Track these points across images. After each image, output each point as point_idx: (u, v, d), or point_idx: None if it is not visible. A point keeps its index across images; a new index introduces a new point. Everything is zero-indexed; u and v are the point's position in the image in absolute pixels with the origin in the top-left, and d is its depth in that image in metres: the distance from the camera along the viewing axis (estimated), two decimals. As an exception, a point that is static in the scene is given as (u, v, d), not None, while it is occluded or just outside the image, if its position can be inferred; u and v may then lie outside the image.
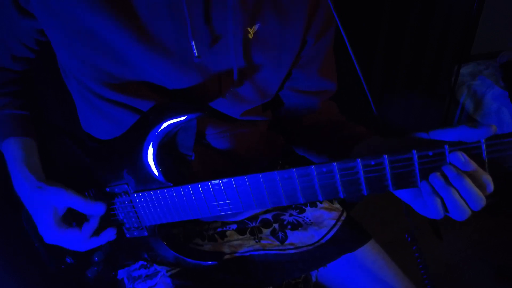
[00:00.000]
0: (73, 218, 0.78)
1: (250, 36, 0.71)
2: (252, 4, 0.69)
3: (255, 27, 0.71)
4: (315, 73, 0.86)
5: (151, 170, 0.72)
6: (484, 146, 0.51)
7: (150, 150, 0.71)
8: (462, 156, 0.52)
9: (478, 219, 2.18)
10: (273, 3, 0.71)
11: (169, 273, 0.83)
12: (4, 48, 0.78)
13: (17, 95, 0.84)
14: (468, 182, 0.53)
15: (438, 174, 0.55)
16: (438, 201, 0.56)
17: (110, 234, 0.79)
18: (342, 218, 0.96)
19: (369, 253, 0.91)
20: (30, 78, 0.88)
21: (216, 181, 0.67)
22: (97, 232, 0.78)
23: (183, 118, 0.68)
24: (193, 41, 0.67)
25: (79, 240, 0.76)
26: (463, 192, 0.54)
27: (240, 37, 0.70)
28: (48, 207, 0.74)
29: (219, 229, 0.93)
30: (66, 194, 0.73)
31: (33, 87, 0.89)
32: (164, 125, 0.69)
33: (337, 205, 1.01)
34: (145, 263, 0.86)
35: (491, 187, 0.54)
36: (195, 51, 0.68)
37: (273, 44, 0.75)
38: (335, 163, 0.57)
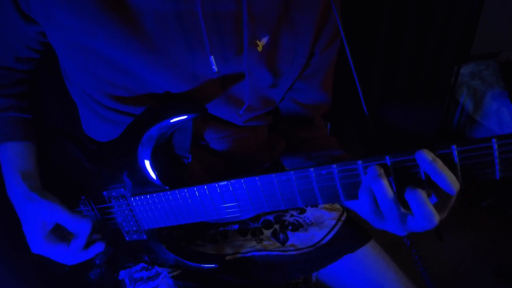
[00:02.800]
0: (62, 233, 0.79)
1: (260, 49, 0.70)
2: (261, 17, 0.68)
3: (264, 40, 0.70)
4: (317, 86, 0.86)
5: (147, 173, 0.72)
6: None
7: (145, 152, 0.70)
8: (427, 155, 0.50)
9: (478, 219, 2.19)
10: (282, 16, 0.71)
11: (171, 275, 0.82)
12: (9, 50, 0.77)
13: (22, 97, 0.83)
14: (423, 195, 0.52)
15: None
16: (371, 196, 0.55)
17: (98, 249, 0.80)
18: (343, 218, 0.95)
19: (370, 253, 0.90)
20: (34, 79, 0.87)
21: (213, 185, 0.66)
22: (86, 246, 0.79)
23: (177, 118, 0.67)
24: (211, 56, 0.67)
25: (66, 255, 0.77)
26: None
27: (251, 51, 0.70)
28: (37, 220, 0.74)
29: (221, 229, 0.93)
30: (55, 210, 0.74)
31: (36, 88, 0.89)
32: (159, 126, 0.68)
33: (337, 205, 1.01)
34: (146, 265, 0.86)
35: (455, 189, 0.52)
36: (215, 67, 0.67)
37: (281, 56, 0.74)
38: (334, 165, 0.56)
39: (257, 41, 0.70)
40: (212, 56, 0.67)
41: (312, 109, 0.90)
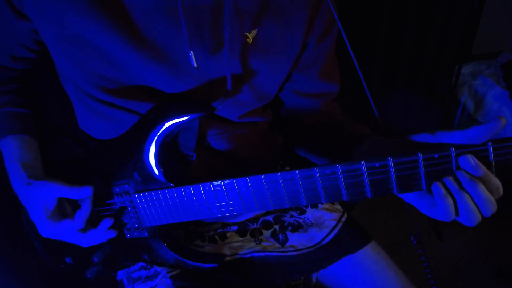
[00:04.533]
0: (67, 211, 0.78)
1: (249, 41, 0.70)
2: (250, 9, 0.69)
3: (254, 32, 0.70)
4: (316, 76, 0.85)
5: (152, 170, 0.72)
6: (491, 149, 0.50)
7: (152, 150, 0.71)
8: (472, 160, 0.51)
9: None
10: (272, 8, 0.71)
11: (169, 275, 0.82)
12: (4, 48, 0.77)
13: (18, 93, 0.83)
14: (482, 187, 0.52)
15: (451, 178, 0.53)
16: (451, 204, 0.55)
17: (107, 225, 0.77)
18: (343, 219, 0.95)
19: (370, 254, 0.90)
20: (31, 77, 0.87)
21: (218, 182, 0.66)
22: (93, 223, 0.78)
23: (185, 118, 0.68)
24: (191, 52, 0.67)
25: (74, 229, 0.75)
26: (476, 198, 0.53)
27: (238, 43, 0.70)
28: (38, 202, 0.74)
29: (219, 230, 0.92)
30: (50, 185, 0.73)
31: (34, 86, 0.89)
32: (166, 125, 0.69)
33: (338, 206, 1.01)
34: (145, 264, 0.86)
35: (501, 190, 0.53)
36: (194, 62, 0.67)
37: (272, 48, 0.74)
38: (338, 165, 0.56)
39: (247, 33, 0.70)
40: (192, 52, 0.67)
41: (316, 97, 0.89)
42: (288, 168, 1.02)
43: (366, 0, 1.83)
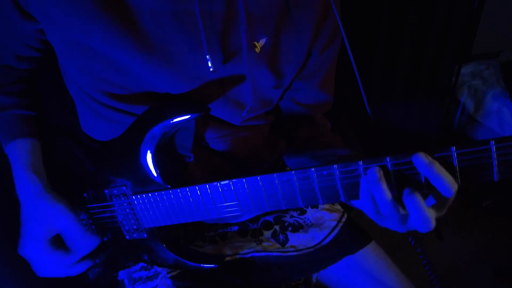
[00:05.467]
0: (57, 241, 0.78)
1: (258, 50, 0.70)
2: (260, 18, 0.68)
3: (262, 41, 0.70)
4: (316, 85, 0.85)
5: (149, 171, 0.72)
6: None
7: (148, 151, 0.71)
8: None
9: (478, 219, 2.18)
10: (281, 17, 0.70)
11: (169, 275, 0.82)
12: (8, 48, 0.77)
13: (25, 95, 0.83)
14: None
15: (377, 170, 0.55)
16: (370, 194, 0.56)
17: (84, 266, 0.80)
18: (343, 219, 0.95)
19: (370, 255, 0.90)
20: (34, 77, 0.87)
21: (215, 184, 0.66)
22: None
23: (180, 118, 0.67)
24: (208, 56, 0.66)
25: (55, 266, 0.77)
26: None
27: (250, 52, 0.70)
28: (45, 223, 0.74)
29: (220, 231, 0.92)
30: (71, 220, 0.74)
31: (37, 85, 0.88)
32: (162, 125, 0.68)
33: (338, 207, 1.01)
34: (146, 264, 0.86)
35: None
36: (211, 66, 0.67)
37: (279, 57, 0.74)
38: (335, 165, 0.56)
39: (255, 42, 0.69)
40: (209, 56, 0.66)
41: (312, 108, 0.89)
42: (288, 169, 1.02)
43: (366, 0, 1.83)
